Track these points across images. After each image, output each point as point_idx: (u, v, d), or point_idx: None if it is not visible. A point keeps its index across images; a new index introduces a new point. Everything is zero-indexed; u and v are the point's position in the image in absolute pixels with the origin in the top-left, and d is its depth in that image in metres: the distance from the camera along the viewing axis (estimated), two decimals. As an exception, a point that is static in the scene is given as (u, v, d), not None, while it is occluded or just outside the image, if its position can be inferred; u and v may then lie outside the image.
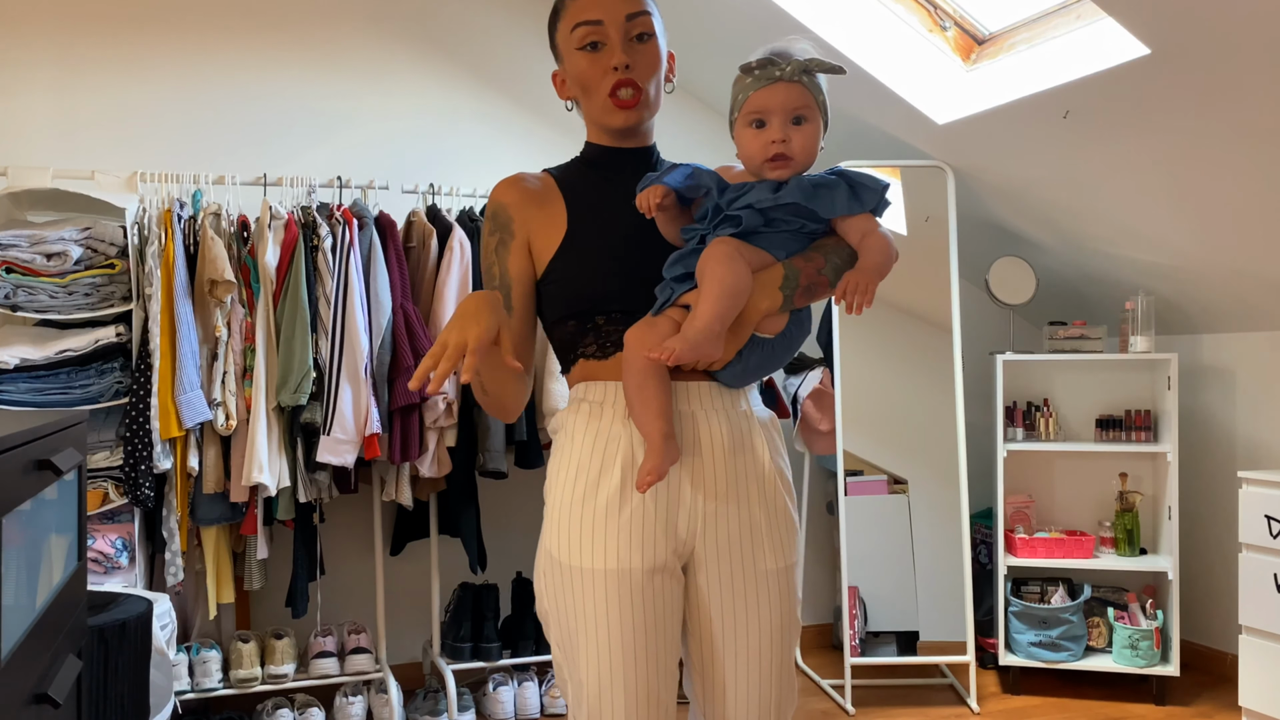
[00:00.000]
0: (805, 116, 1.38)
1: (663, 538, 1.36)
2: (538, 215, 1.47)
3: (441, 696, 3.20)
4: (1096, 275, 3.70)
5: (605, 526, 1.35)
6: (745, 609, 1.39)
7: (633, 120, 1.46)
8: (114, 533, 2.81)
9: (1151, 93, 2.67)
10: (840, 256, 1.38)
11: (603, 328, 1.41)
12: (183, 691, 2.91)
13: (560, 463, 1.41)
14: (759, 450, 1.43)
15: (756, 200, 1.34)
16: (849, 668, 3.39)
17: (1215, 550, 3.69)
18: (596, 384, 1.41)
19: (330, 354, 2.88)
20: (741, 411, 1.43)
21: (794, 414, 3.72)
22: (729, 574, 1.39)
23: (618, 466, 1.37)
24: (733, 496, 1.39)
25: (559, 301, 1.44)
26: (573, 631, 1.37)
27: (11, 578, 1.36)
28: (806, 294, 1.37)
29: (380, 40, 3.55)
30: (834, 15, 3.13)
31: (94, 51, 3.22)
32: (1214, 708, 3.37)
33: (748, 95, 1.38)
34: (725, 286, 1.30)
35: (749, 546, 1.40)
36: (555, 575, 1.38)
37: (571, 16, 1.45)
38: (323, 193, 3.13)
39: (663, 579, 1.36)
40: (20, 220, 2.96)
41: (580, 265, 1.42)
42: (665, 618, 1.37)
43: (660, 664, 1.36)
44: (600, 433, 1.39)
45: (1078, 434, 3.70)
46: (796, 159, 1.38)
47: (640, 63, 1.44)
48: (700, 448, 1.38)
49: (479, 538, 3.23)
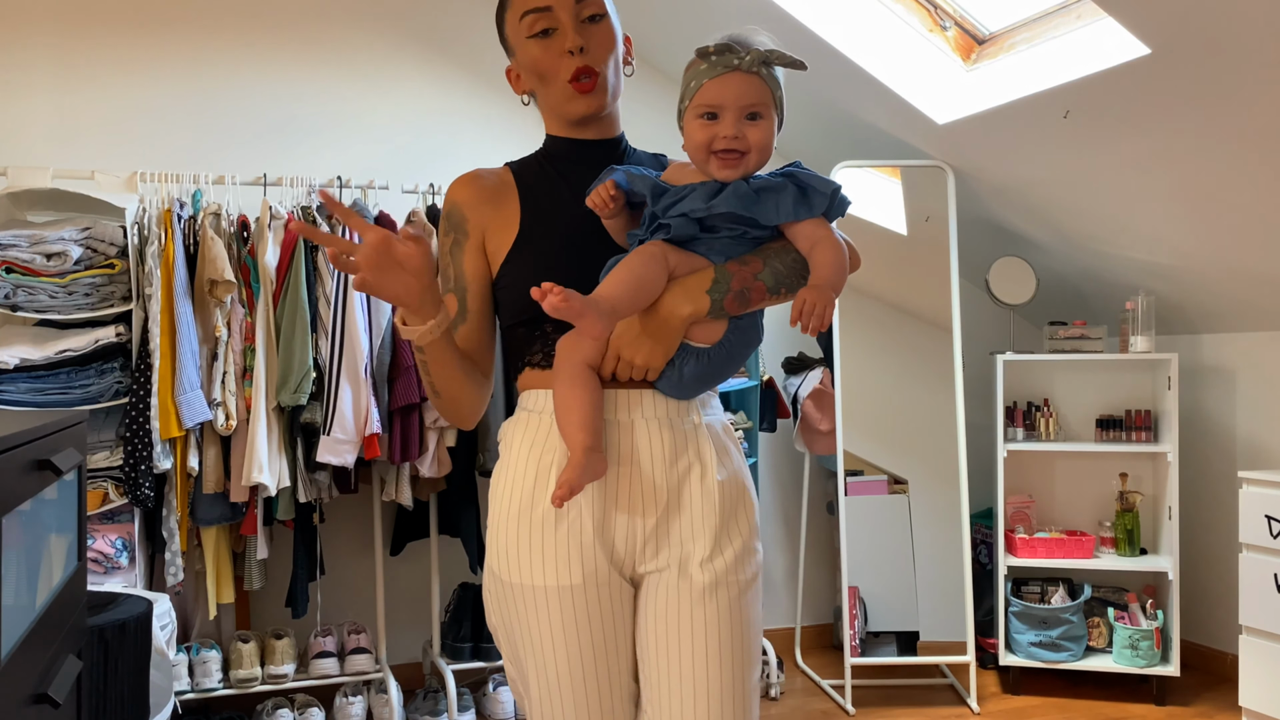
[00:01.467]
0: (760, 113, 1.27)
1: (601, 552, 1.30)
2: (492, 214, 1.41)
3: (441, 696, 3.20)
4: (1096, 275, 3.70)
5: (542, 542, 1.29)
6: (689, 632, 1.28)
7: (594, 106, 1.39)
8: (114, 533, 2.81)
9: (1151, 93, 2.67)
10: (783, 261, 1.28)
11: (550, 335, 1.34)
12: (183, 691, 2.91)
13: (499, 475, 1.36)
14: (707, 457, 1.33)
15: (690, 209, 1.26)
16: (849, 668, 3.39)
17: (1215, 550, 3.69)
18: (538, 393, 1.35)
19: (330, 354, 2.88)
20: (689, 421, 1.34)
21: (794, 414, 3.72)
22: (665, 592, 1.30)
23: (552, 479, 1.30)
24: (673, 509, 1.31)
25: (508, 307, 1.38)
26: (518, 647, 1.33)
27: (11, 578, 1.36)
28: (739, 300, 1.27)
29: (380, 40, 3.55)
30: (834, 15, 3.13)
31: (94, 51, 3.22)
32: (1214, 708, 3.37)
33: (701, 84, 1.27)
34: (631, 272, 1.24)
35: (690, 563, 1.30)
36: (497, 591, 1.34)
37: (519, 4, 1.38)
38: (323, 193, 3.12)
39: (606, 591, 1.30)
40: (20, 220, 2.96)
41: (530, 269, 1.35)
42: (611, 629, 1.30)
43: (610, 676, 1.30)
44: (536, 443, 1.32)
45: (1078, 434, 3.70)
46: (750, 156, 1.28)
47: (594, 44, 1.37)
48: (636, 459, 1.30)
49: (479, 537, 3.23)
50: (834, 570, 4.01)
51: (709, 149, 1.28)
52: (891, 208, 3.52)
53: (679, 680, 1.28)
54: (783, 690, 3.58)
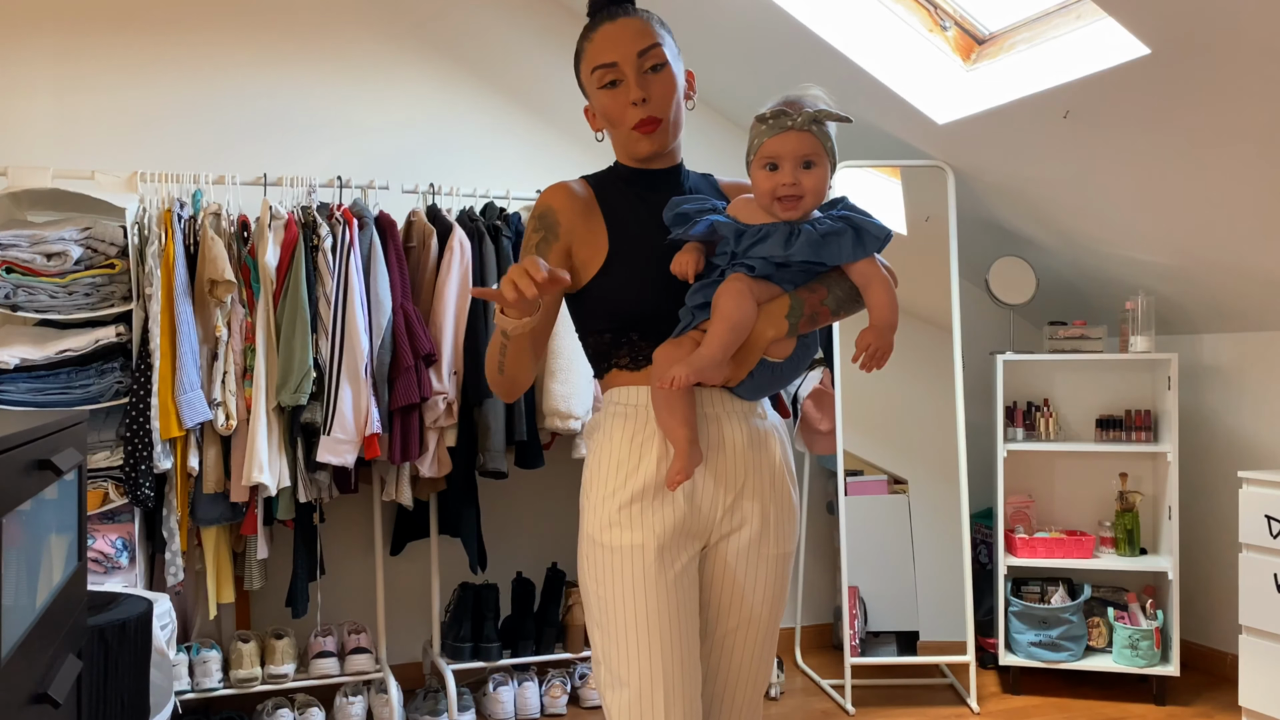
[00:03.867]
0: (814, 162, 1.51)
1: (693, 522, 1.54)
2: (581, 227, 1.59)
3: (441, 696, 3.20)
4: (1096, 275, 3.70)
5: (643, 510, 1.52)
6: (752, 584, 1.59)
7: (657, 146, 1.59)
8: (114, 533, 2.81)
9: (1151, 93, 2.67)
10: (842, 289, 1.53)
11: (636, 342, 1.57)
12: (183, 691, 2.91)
13: (600, 458, 1.57)
14: (772, 449, 1.60)
15: (770, 254, 1.49)
16: (849, 668, 3.39)
17: (1215, 550, 3.69)
18: (630, 389, 1.57)
19: (330, 354, 2.88)
20: (758, 415, 1.60)
21: (794, 414, 3.72)
22: (742, 556, 1.58)
23: (653, 460, 1.53)
24: (749, 489, 1.57)
25: (598, 314, 1.58)
26: (612, 602, 1.52)
27: (11, 578, 1.36)
28: (810, 322, 1.52)
29: (381, 40, 3.55)
30: (834, 15, 3.13)
31: (94, 52, 3.23)
32: (1214, 708, 3.37)
33: (762, 141, 1.51)
34: (731, 322, 1.46)
35: (759, 533, 1.58)
36: (596, 555, 1.54)
37: (590, 60, 1.58)
38: (323, 193, 3.13)
39: (689, 560, 1.55)
40: (20, 220, 2.96)
41: (621, 284, 1.56)
42: (690, 589, 1.54)
43: (687, 626, 1.53)
44: (636, 432, 1.55)
45: (1078, 434, 3.70)
46: (806, 199, 1.51)
47: (656, 93, 1.57)
48: (724, 446, 1.55)
49: (479, 538, 3.23)
50: (834, 570, 4.01)
51: (773, 195, 1.51)
52: (891, 208, 3.52)
53: (748, 618, 1.61)
54: (783, 690, 3.58)
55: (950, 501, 3.45)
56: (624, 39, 1.56)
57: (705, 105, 3.93)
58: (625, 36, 1.56)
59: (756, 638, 1.63)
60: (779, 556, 1.61)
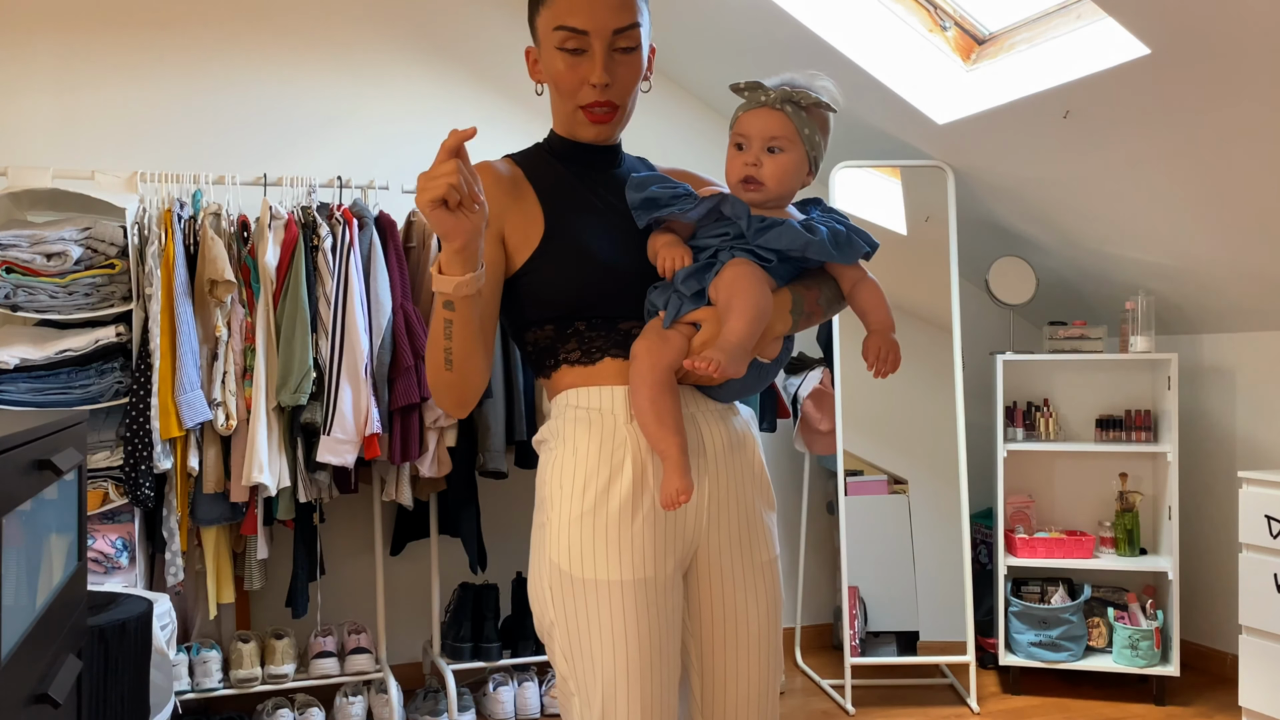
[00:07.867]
0: (782, 146, 1.38)
1: (675, 541, 1.37)
2: (511, 207, 1.40)
3: (441, 696, 3.20)
4: (1096, 275, 3.70)
5: (619, 536, 1.33)
6: (746, 597, 1.42)
7: (604, 135, 1.45)
8: (114, 533, 2.81)
9: (1151, 93, 2.67)
10: (830, 289, 1.44)
11: (584, 333, 1.38)
12: (183, 691, 2.91)
13: (563, 472, 1.36)
14: (751, 449, 1.47)
15: (787, 246, 1.35)
16: (849, 668, 3.39)
17: (1215, 550, 3.69)
18: (590, 390, 1.38)
19: (330, 354, 2.88)
20: (734, 413, 1.47)
21: (794, 414, 3.72)
22: (731, 565, 1.42)
23: (627, 473, 1.34)
24: (733, 493, 1.42)
25: (535, 304, 1.39)
26: (584, 644, 1.33)
27: (11, 578, 1.36)
28: (806, 320, 1.41)
29: (380, 40, 3.55)
30: (834, 15, 3.13)
31: (94, 51, 3.22)
32: (1214, 708, 3.37)
33: (737, 116, 1.42)
34: (759, 309, 1.32)
35: (748, 539, 1.43)
36: (565, 588, 1.34)
37: (556, 14, 1.37)
38: (323, 193, 3.13)
39: (672, 591, 1.37)
40: (20, 220, 2.96)
41: (560, 268, 1.38)
42: (673, 628, 1.37)
43: (668, 673, 1.35)
44: (604, 441, 1.35)
45: (1078, 434, 3.70)
46: (766, 186, 1.38)
47: (620, 78, 1.40)
48: (704, 449, 1.40)
49: (479, 538, 3.23)
50: (834, 570, 4.01)
51: (735, 176, 1.40)
52: (891, 208, 3.52)
53: (748, 641, 1.42)
54: (783, 690, 3.58)
55: (950, 501, 3.45)
56: (602, 7, 1.36)
57: (704, 105, 3.93)
58: (605, 5, 1.36)
59: (762, 654, 1.43)
60: (769, 562, 1.46)
